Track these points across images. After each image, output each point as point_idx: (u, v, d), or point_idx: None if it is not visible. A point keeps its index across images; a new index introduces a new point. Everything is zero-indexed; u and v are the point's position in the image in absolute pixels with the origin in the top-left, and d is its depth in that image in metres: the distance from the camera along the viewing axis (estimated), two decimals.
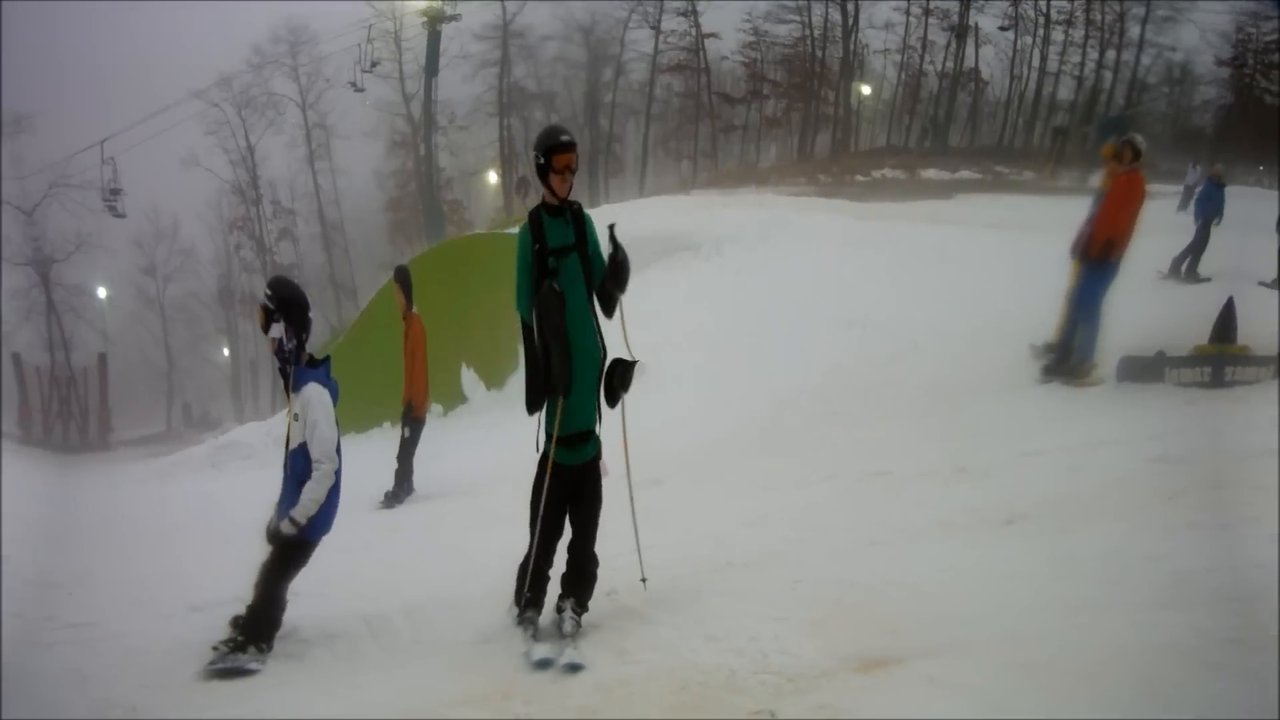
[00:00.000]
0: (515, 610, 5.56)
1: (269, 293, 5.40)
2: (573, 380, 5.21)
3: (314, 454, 5.25)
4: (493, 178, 48.54)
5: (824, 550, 6.64)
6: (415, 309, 11.48)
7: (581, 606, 5.49)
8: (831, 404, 12.36)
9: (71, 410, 41.88)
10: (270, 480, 5.80)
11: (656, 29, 50.63)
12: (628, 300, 5.42)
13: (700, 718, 4.17)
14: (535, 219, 5.19)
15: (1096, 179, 13.09)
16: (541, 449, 5.36)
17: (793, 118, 51.22)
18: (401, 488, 11.18)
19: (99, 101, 44.78)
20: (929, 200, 30.83)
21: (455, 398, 18.04)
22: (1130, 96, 44.71)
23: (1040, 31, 46.97)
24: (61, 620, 6.46)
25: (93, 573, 8.23)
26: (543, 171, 5.14)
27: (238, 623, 5.42)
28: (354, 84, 44.48)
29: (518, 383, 5.85)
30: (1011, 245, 17.90)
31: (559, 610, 5.47)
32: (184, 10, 45.66)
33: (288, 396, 5.44)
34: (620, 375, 5.38)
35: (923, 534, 6.56)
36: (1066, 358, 10.60)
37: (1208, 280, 13.69)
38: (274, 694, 4.98)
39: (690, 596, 5.93)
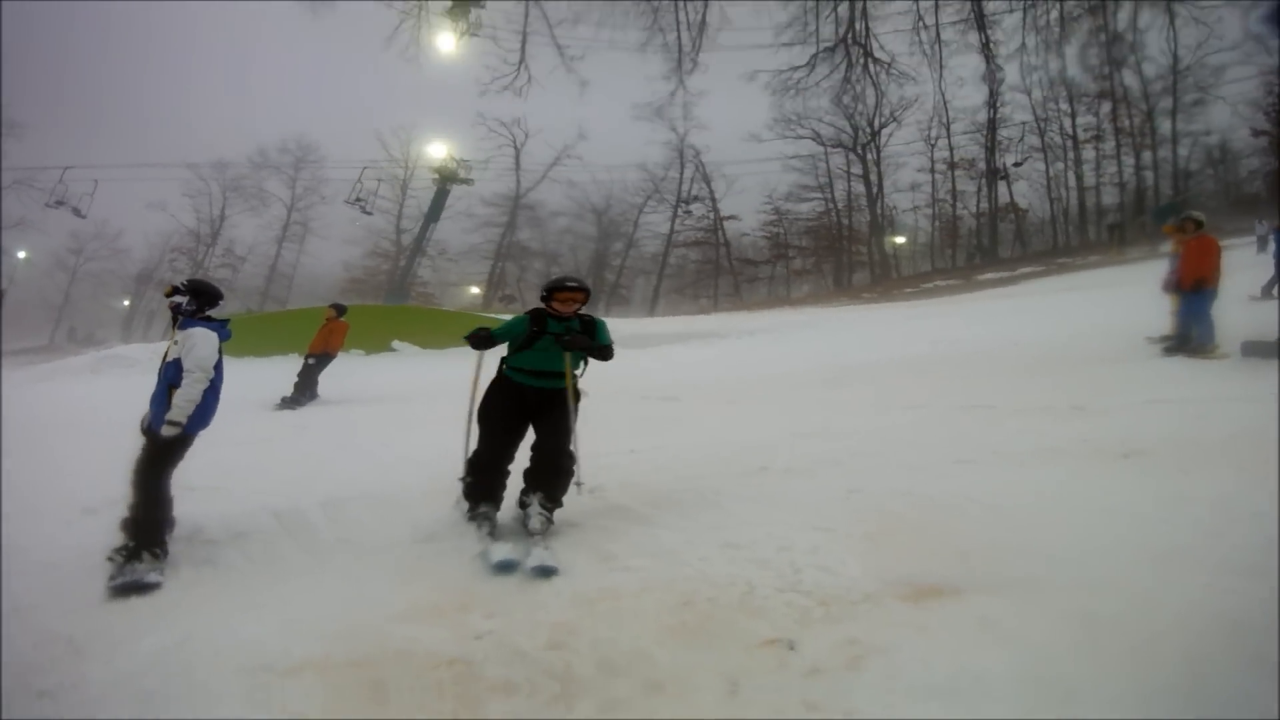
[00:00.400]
0: (466, 505, 5.23)
1: (184, 282, 5.77)
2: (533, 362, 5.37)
3: (187, 365, 5.47)
4: (475, 290, 48.46)
5: (896, 464, 6.09)
6: (344, 320, 13.50)
7: (552, 500, 5.14)
8: (923, 366, 11.47)
9: None
10: (152, 384, 5.53)
11: (677, 205, 50.25)
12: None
13: (703, 645, 3.62)
14: (540, 319, 5.44)
15: (1167, 247, 13.39)
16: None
17: (823, 268, 50.41)
18: (302, 394, 12.09)
19: (92, 130, 48.83)
20: (992, 289, 29.52)
21: (382, 350, 19.04)
22: (1176, 186, 44.12)
23: (1070, 155, 46.65)
24: None
25: None
26: (545, 301, 5.49)
27: (126, 526, 5.36)
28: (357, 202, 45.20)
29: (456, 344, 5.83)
30: (1092, 300, 17.01)
31: (523, 505, 5.13)
32: (206, 87, 49.23)
33: (172, 332, 5.73)
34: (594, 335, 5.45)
35: (1024, 459, 6.00)
36: (1187, 342, 10.37)
37: None
38: (198, 611, 4.57)
39: (705, 499, 5.42)
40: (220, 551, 5.41)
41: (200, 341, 5.50)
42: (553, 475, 5.19)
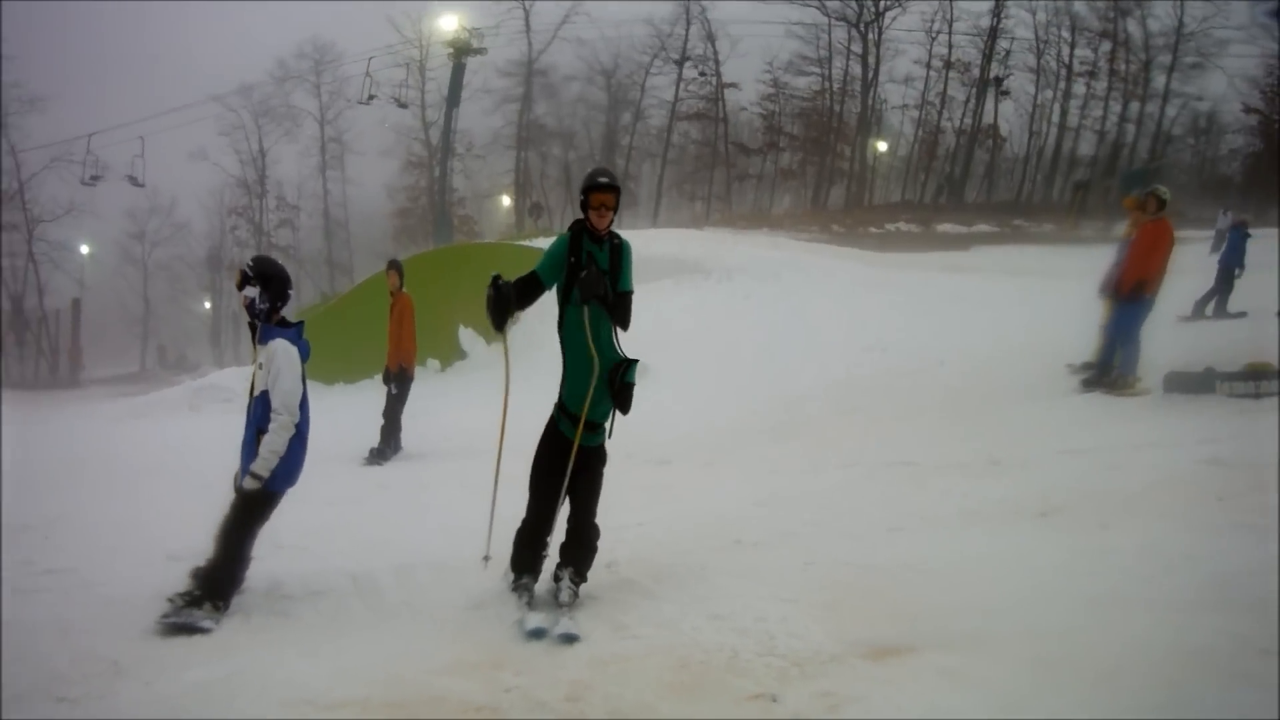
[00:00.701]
0: (511, 576, 5.49)
1: (250, 264, 5.51)
2: (567, 373, 5.51)
3: (274, 404, 5.27)
4: (506, 201, 48.73)
5: (839, 534, 6.46)
6: (406, 290, 11.73)
7: (580, 576, 5.42)
8: (851, 402, 12.04)
9: (42, 348, 44.93)
10: None
11: (681, 63, 50.56)
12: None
13: (698, 699, 4.02)
14: (577, 234, 5.39)
15: (1120, 229, 13.16)
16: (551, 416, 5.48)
17: (808, 170, 51.39)
18: (388, 444, 11.17)
19: (115, 91, 47.29)
20: (945, 251, 30.47)
21: (453, 353, 18.28)
22: (1154, 149, 44.08)
23: (1062, 85, 46.32)
24: (39, 565, 6.45)
25: (67, 515, 8.17)
26: (583, 207, 5.37)
27: (197, 575, 5.38)
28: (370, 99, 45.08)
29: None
30: (1031, 290, 17.69)
31: (556, 579, 5.40)
32: (210, 15, 48.12)
33: (254, 349, 5.50)
34: (623, 373, 5.50)
35: (948, 522, 6.37)
36: (1107, 373, 10.43)
37: (1243, 315, 13.34)
38: (255, 652, 4.91)
39: (695, 573, 5.78)
40: (294, 606, 5.57)
41: (285, 368, 5.26)
42: (584, 553, 5.44)
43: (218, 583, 5.35)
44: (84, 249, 47.78)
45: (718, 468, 9.78)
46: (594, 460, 5.50)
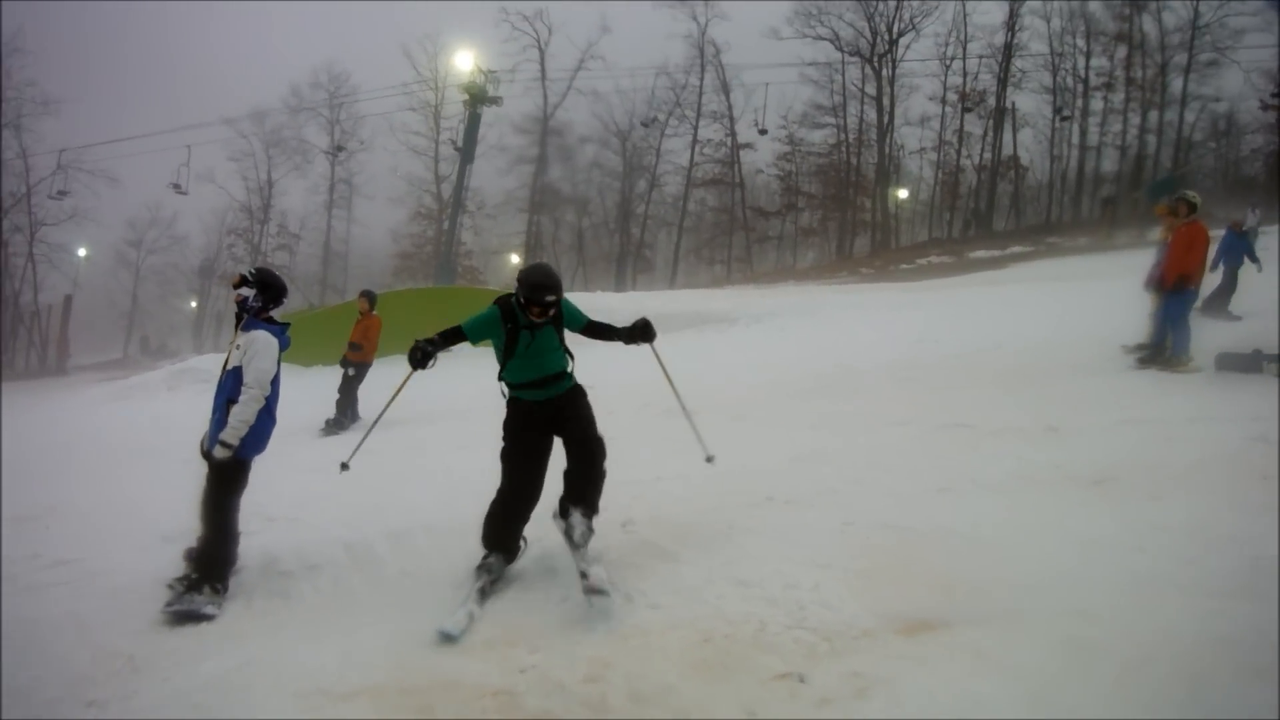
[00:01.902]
0: (482, 554, 5.31)
1: (253, 270, 5.96)
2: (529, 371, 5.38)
3: (247, 379, 5.61)
4: (514, 259, 47.54)
5: (883, 493, 6.30)
6: (376, 313, 13.16)
7: (591, 509, 5.25)
8: (906, 374, 11.71)
9: (33, 339, 47.49)
10: None
11: (696, 120, 49.79)
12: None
13: (722, 678, 3.91)
14: (508, 310, 5.35)
15: (1155, 234, 13.15)
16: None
17: (829, 226, 50.12)
18: (344, 415, 12.54)
19: (127, 101, 48.76)
20: (982, 272, 29.57)
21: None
22: (1177, 157, 42.87)
23: (1079, 102, 44.87)
24: (46, 558, 6.57)
25: (62, 503, 8.32)
26: (520, 304, 5.28)
27: (191, 556, 5.63)
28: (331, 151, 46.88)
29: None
30: (1076, 290, 17.24)
31: (564, 515, 5.22)
32: (226, 34, 48.58)
33: (235, 333, 5.86)
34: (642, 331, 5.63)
35: (999, 485, 6.23)
36: (1161, 352, 10.37)
37: (1239, 319, 13.00)
38: (262, 640, 4.95)
39: (720, 533, 5.66)
40: (293, 584, 5.65)
41: (262, 350, 5.58)
42: (590, 475, 5.24)
43: (212, 562, 5.55)
44: (81, 251, 49.91)
45: (751, 421, 9.54)
46: (573, 400, 5.44)
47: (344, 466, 5.74)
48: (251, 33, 48.97)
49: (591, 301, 22.69)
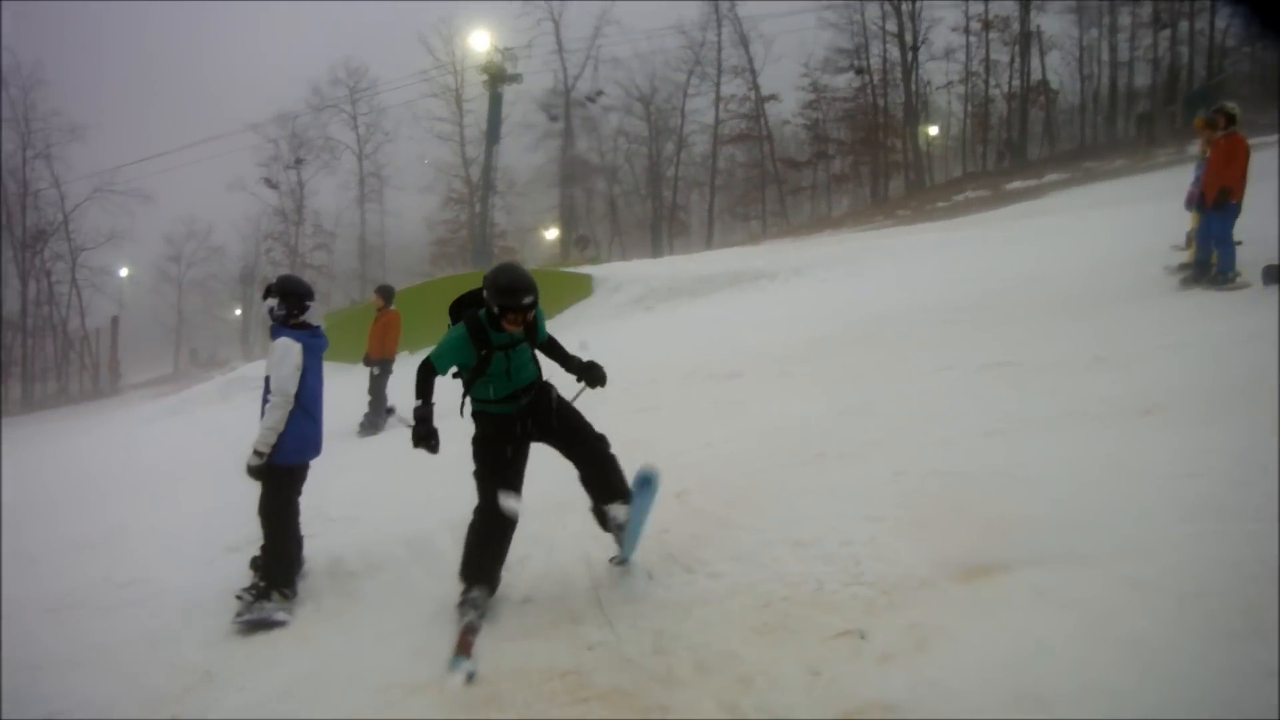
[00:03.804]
0: (461, 588, 5.00)
1: (275, 280, 6.13)
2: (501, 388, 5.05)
3: (271, 387, 5.74)
4: (551, 234, 48.40)
5: (932, 440, 6.29)
6: (394, 308, 13.39)
7: (626, 499, 5.02)
8: (947, 315, 11.59)
9: (85, 363, 49.52)
10: None
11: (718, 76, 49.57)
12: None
13: (784, 641, 3.94)
14: (478, 333, 4.94)
15: (1194, 148, 12.69)
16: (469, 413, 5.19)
17: (861, 171, 50.08)
18: (378, 415, 12.75)
19: (151, 117, 51.81)
20: (1020, 203, 29.10)
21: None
22: (1211, 65, 41.56)
23: (1106, 19, 43.99)
24: (116, 579, 6.73)
25: (129, 524, 8.51)
26: (492, 318, 4.90)
27: (256, 565, 5.75)
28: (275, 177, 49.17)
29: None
30: (1117, 215, 16.97)
31: (600, 513, 5.08)
32: (244, 40, 51.09)
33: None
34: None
35: (1049, 423, 6.19)
36: (1206, 271, 10.15)
37: (1239, 243, 12.19)
38: (333, 641, 5.09)
39: (773, 494, 5.68)
40: (358, 584, 5.78)
41: (280, 357, 5.66)
42: (607, 472, 5.02)
43: (278, 569, 5.67)
44: (123, 272, 52.17)
45: (796, 379, 9.60)
46: (545, 401, 5.12)
47: (392, 412, 5.73)
48: (266, 37, 50.49)
49: (631, 271, 22.85)
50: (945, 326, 10.81)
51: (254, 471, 5.63)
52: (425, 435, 4.94)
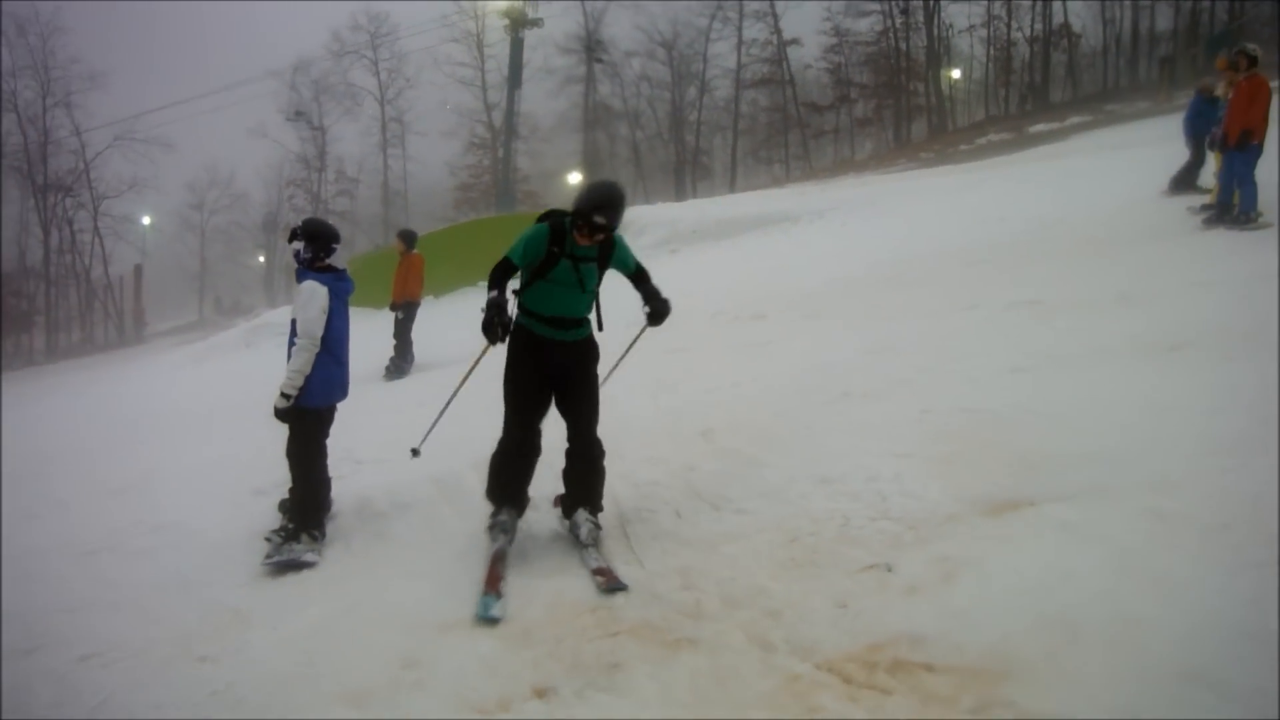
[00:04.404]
0: (490, 511, 5.05)
1: (300, 223, 6.06)
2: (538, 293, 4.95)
3: (298, 330, 5.70)
4: (574, 178, 47.24)
5: (959, 378, 6.32)
6: (416, 251, 13.42)
7: (596, 508, 5.02)
8: (973, 256, 11.63)
9: (109, 311, 49.69)
10: None
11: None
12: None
13: (811, 575, 3.98)
14: (559, 231, 4.88)
15: (1217, 90, 12.47)
16: (512, 326, 5.00)
17: (884, 115, 49.88)
18: (403, 359, 12.99)
19: (172, 65, 53.52)
20: (1042, 146, 28.76)
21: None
22: (1233, 8, 41.17)
23: None
24: (147, 523, 6.72)
25: (159, 469, 8.52)
26: (574, 222, 4.82)
27: (284, 507, 5.87)
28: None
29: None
30: (1139, 156, 16.53)
31: (568, 515, 5.04)
32: None
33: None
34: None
35: (1075, 360, 6.22)
36: (1228, 211, 10.23)
37: (1207, 193, 12.09)
38: (363, 580, 5.10)
39: (800, 433, 5.71)
40: (387, 524, 5.78)
41: (306, 301, 5.59)
42: (594, 479, 4.97)
43: (306, 510, 5.70)
44: (145, 220, 52.37)
45: (821, 320, 9.62)
46: (584, 358, 5.06)
47: (414, 452, 5.79)
48: None
49: (655, 214, 22.78)
50: (970, 267, 10.82)
51: (281, 414, 5.63)
52: (492, 321, 4.74)
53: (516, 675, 3.69)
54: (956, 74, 50.39)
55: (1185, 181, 13.01)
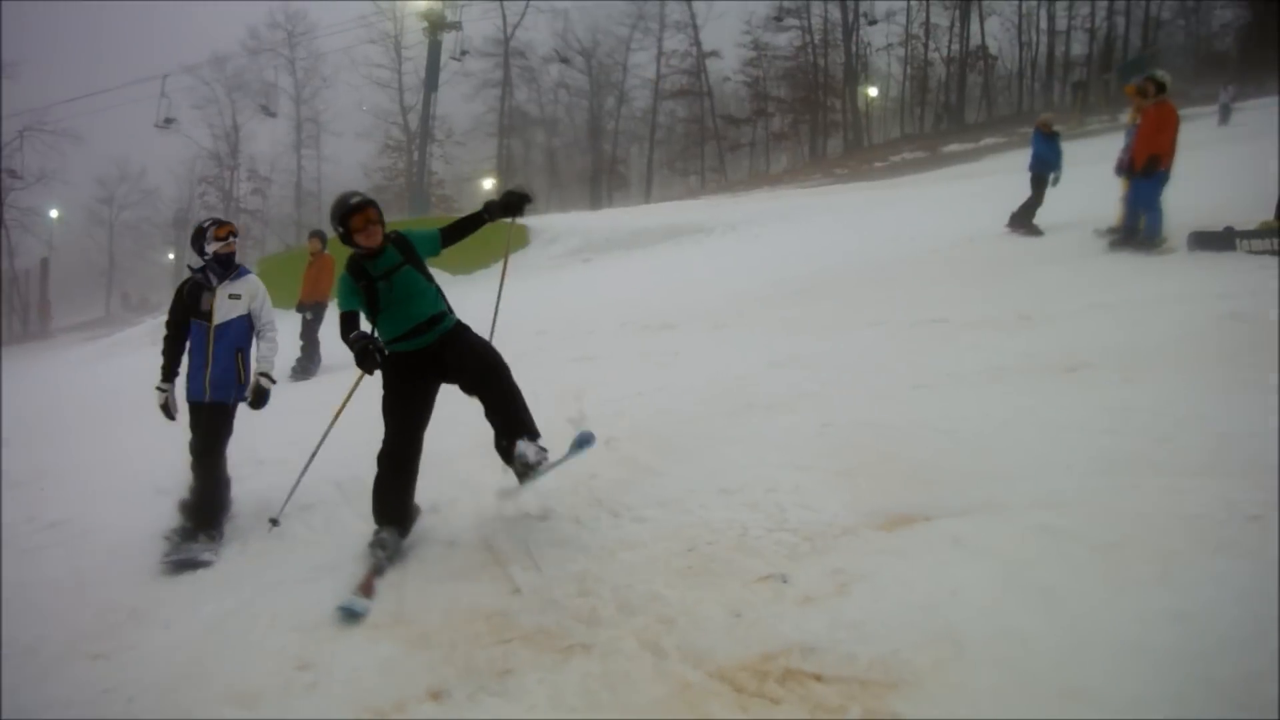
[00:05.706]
0: (374, 530, 5.07)
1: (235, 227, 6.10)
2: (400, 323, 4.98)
3: (268, 319, 5.93)
4: (488, 184, 47.02)
5: (861, 393, 6.42)
6: (328, 253, 13.33)
7: (535, 432, 4.90)
8: (879, 273, 11.91)
9: (13, 305, 48.34)
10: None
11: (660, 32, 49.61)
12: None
13: (707, 584, 4.01)
14: (356, 267, 4.94)
15: (1125, 117, 12.95)
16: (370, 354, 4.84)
17: (800, 130, 51.10)
18: (310, 360, 13.08)
19: (83, 59, 52.31)
20: (956, 165, 29.34)
21: None
22: (1146, 37, 43.58)
23: None
24: (42, 520, 6.73)
25: (55, 465, 8.52)
26: (345, 238, 4.93)
27: (184, 508, 5.77)
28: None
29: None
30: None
31: (505, 450, 4.90)
32: None
33: (216, 288, 5.90)
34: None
35: (975, 378, 6.34)
36: (1134, 234, 10.56)
37: (1042, 234, 12.97)
38: (258, 580, 5.07)
39: (702, 443, 5.76)
40: (287, 525, 5.71)
41: (267, 295, 5.83)
42: (512, 404, 4.86)
43: (206, 510, 5.68)
44: (53, 213, 51.41)
45: (728, 331, 9.72)
46: (461, 339, 5.05)
47: (274, 522, 5.68)
48: None
49: (569, 223, 22.83)
50: (878, 284, 10.98)
51: (261, 395, 5.86)
52: (366, 349, 4.68)
53: (413, 677, 3.71)
54: (873, 92, 51.34)
55: (1021, 218, 13.35)
